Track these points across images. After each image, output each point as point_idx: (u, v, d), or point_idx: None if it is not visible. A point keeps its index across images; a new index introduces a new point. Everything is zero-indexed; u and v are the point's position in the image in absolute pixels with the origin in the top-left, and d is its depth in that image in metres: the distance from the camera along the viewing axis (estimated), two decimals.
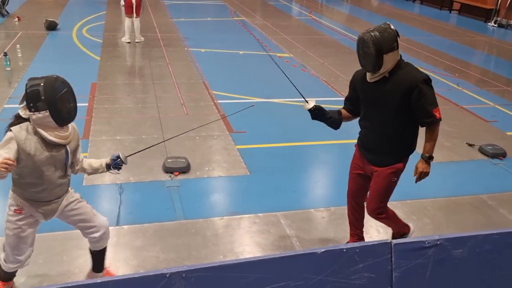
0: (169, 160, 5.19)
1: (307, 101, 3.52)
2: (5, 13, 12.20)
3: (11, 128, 2.79)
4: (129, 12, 10.20)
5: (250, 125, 6.55)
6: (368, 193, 3.70)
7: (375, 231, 4.35)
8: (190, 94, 7.62)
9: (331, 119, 3.56)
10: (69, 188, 3.17)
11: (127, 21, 10.40)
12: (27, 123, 2.80)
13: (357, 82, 3.52)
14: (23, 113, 2.80)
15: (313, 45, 11.68)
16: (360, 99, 3.52)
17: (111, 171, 3.18)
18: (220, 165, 5.38)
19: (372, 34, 3.18)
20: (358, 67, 3.45)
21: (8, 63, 8.05)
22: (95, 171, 3.21)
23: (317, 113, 3.51)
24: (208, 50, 10.61)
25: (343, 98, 3.79)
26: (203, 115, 6.80)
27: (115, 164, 3.15)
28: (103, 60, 9.20)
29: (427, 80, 3.27)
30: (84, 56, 9.42)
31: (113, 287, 2.42)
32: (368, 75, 3.36)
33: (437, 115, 3.29)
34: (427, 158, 3.39)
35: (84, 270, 3.61)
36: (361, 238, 3.92)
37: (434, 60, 11.03)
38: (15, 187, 2.95)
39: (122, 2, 13.35)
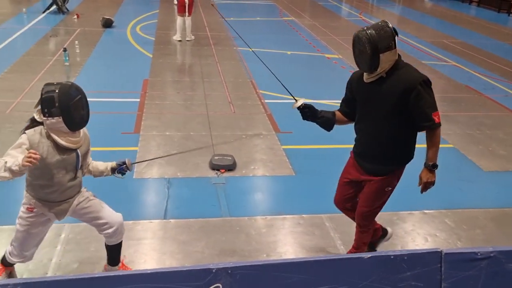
0: (216, 157, 5.28)
1: (296, 99, 3.40)
2: (65, 10, 12.79)
3: (26, 131, 2.87)
4: (181, 11, 10.43)
5: (296, 125, 6.47)
6: (358, 197, 3.55)
7: (422, 239, 4.24)
8: (237, 93, 7.70)
9: (323, 119, 3.41)
10: (81, 188, 3.26)
11: (179, 20, 10.64)
12: (41, 127, 2.87)
13: (353, 83, 3.35)
14: (38, 117, 2.87)
15: None
16: (356, 101, 3.35)
17: (115, 175, 3.27)
18: (266, 165, 5.41)
19: (368, 32, 3.03)
20: None
21: (67, 58, 8.44)
22: (100, 173, 3.29)
23: (307, 112, 3.38)
24: (256, 49, 10.64)
25: None
26: (250, 114, 6.86)
27: (120, 169, 3.24)
28: (155, 57, 9.46)
29: (427, 82, 3.07)
30: (137, 53, 9.72)
31: (162, 278, 2.50)
32: (365, 75, 3.20)
33: (436, 119, 3.06)
34: (431, 167, 3.15)
35: (134, 260, 3.73)
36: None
37: (490, 64, 10.58)
38: (28, 187, 3.03)
39: (175, 1, 13.66)
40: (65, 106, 2.77)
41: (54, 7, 12.77)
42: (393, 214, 4.51)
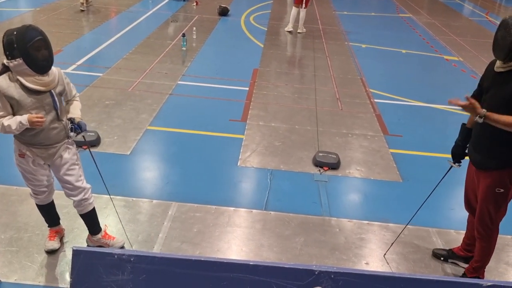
0: (320, 154, 5.18)
1: (458, 165, 3.49)
2: None
3: None
4: (298, 2, 10.39)
5: (407, 129, 6.19)
6: None
7: None
8: (346, 90, 7.50)
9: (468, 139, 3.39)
10: (73, 143, 3.29)
11: (293, 10, 10.62)
12: (9, 72, 2.94)
13: (486, 70, 3.23)
14: (6, 62, 2.93)
15: (487, 50, 10.48)
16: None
17: (71, 125, 3.23)
18: (371, 167, 5.20)
19: None
20: None
21: (185, 43, 8.86)
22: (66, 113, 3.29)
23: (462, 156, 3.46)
24: (369, 46, 10.30)
25: None
26: (358, 112, 6.63)
27: (76, 128, 3.22)
28: (266, 47, 9.56)
29: None
30: (249, 43, 9.90)
31: (263, 272, 2.50)
32: (497, 63, 3.05)
33: None
34: (482, 114, 2.99)
35: (231, 247, 3.81)
36: (467, 251, 3.67)
37: None
38: (15, 134, 3.11)
39: None
40: (23, 46, 2.82)
41: None
42: (509, 238, 4.08)
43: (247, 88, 7.24)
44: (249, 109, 6.46)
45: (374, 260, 3.78)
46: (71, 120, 3.24)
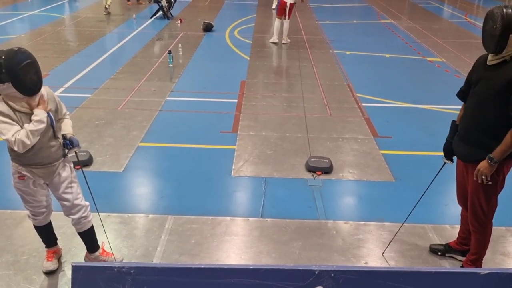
0: (312, 159, 5.23)
1: (451, 161, 3.56)
2: (170, 16, 13.57)
3: None
4: (280, 14, 10.55)
5: (396, 130, 6.28)
6: None
7: None
8: (334, 96, 7.59)
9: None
10: (70, 161, 3.31)
11: (277, 22, 10.77)
12: (0, 96, 2.91)
13: (476, 63, 3.26)
14: None
15: (468, 49, 10.75)
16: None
17: (64, 141, 3.23)
18: (363, 169, 5.25)
19: (504, 10, 2.86)
20: None
21: (171, 60, 8.93)
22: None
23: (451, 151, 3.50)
24: (353, 52, 10.45)
25: None
26: (347, 117, 6.71)
27: (67, 144, 3.22)
28: (252, 59, 9.66)
29: None
30: (235, 56, 10.00)
31: (264, 275, 2.51)
32: (489, 57, 3.06)
33: None
34: (490, 159, 3.06)
35: (230, 256, 3.81)
36: (463, 245, 3.72)
37: None
38: (13, 156, 3.11)
39: (274, 6, 13.86)
40: (12, 71, 2.79)
41: (160, 13, 13.60)
42: (507, 230, 4.13)
43: (236, 100, 7.30)
44: (239, 120, 6.50)
45: (372, 259, 3.81)
46: (63, 136, 3.25)
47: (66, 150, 3.26)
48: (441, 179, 5.13)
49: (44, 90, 3.11)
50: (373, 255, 3.86)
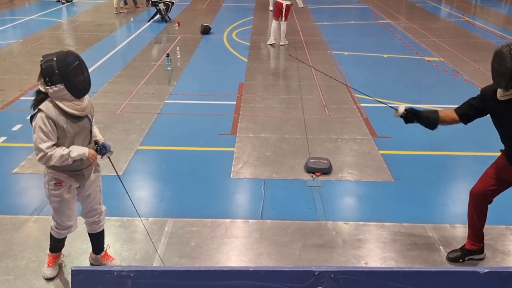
0: (311, 160, 5.23)
1: (395, 109, 3.51)
2: (168, 19, 13.59)
3: (40, 107, 2.92)
4: (277, 15, 10.56)
5: (395, 130, 6.27)
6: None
7: None
8: (332, 97, 7.59)
9: (427, 119, 3.49)
10: (98, 165, 3.36)
11: (274, 24, 10.79)
12: (49, 99, 2.92)
13: (487, 97, 3.32)
14: (43, 88, 2.92)
15: (466, 48, 10.76)
16: (483, 112, 3.37)
17: (97, 147, 3.26)
18: (363, 169, 5.25)
19: None
20: None
21: (170, 63, 8.94)
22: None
23: (410, 116, 3.48)
24: (351, 53, 10.46)
25: None
26: (345, 117, 6.72)
27: (101, 150, 3.25)
28: (250, 61, 9.67)
29: None
30: (234, 58, 10.01)
31: (264, 276, 2.51)
32: (499, 92, 3.17)
33: None
34: None
35: (231, 258, 3.81)
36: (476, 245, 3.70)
37: None
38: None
39: (271, 7, 13.88)
40: (65, 72, 2.82)
41: (158, 16, 13.61)
42: (507, 229, 4.13)
43: (235, 102, 7.30)
44: (238, 122, 6.50)
45: (372, 259, 3.80)
46: (96, 142, 3.27)
47: (101, 156, 3.27)
48: (442, 178, 5.15)
49: (86, 96, 3.13)
50: (373, 255, 3.85)
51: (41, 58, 2.90)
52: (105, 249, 3.68)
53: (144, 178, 5.13)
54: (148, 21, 13.60)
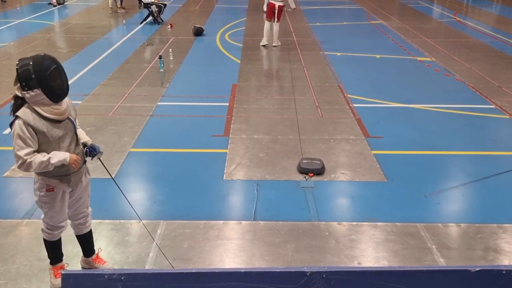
0: (304, 161, 5.23)
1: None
2: (160, 21, 13.55)
3: (17, 114, 2.85)
4: (270, 16, 10.57)
5: (387, 130, 6.29)
6: None
7: None
8: (325, 97, 7.60)
9: None
10: (87, 168, 3.33)
11: (266, 24, 10.79)
12: (26, 104, 2.87)
13: None
14: (19, 93, 2.86)
15: (458, 48, 10.82)
16: None
17: (86, 148, 3.20)
18: (355, 170, 5.26)
19: None
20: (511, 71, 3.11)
21: (162, 65, 8.91)
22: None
23: None
24: (344, 53, 10.49)
25: (493, 106, 3.46)
26: (338, 118, 6.72)
27: (91, 151, 3.18)
28: (243, 63, 9.67)
29: None
30: (226, 59, 10.00)
31: (256, 278, 2.50)
32: None
33: None
34: None
35: (224, 260, 3.80)
36: None
37: None
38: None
39: (265, 8, 13.88)
40: (42, 76, 2.77)
41: (150, 18, 13.58)
42: (498, 227, 4.15)
43: (227, 104, 7.29)
44: (231, 124, 6.49)
45: (365, 259, 3.81)
46: (84, 144, 3.21)
47: (91, 158, 3.22)
48: (433, 178, 5.17)
49: (66, 98, 3.07)
50: (366, 255, 3.86)
51: (17, 62, 2.84)
52: (96, 252, 3.65)
53: (136, 180, 5.11)
54: (141, 23, 13.56)
